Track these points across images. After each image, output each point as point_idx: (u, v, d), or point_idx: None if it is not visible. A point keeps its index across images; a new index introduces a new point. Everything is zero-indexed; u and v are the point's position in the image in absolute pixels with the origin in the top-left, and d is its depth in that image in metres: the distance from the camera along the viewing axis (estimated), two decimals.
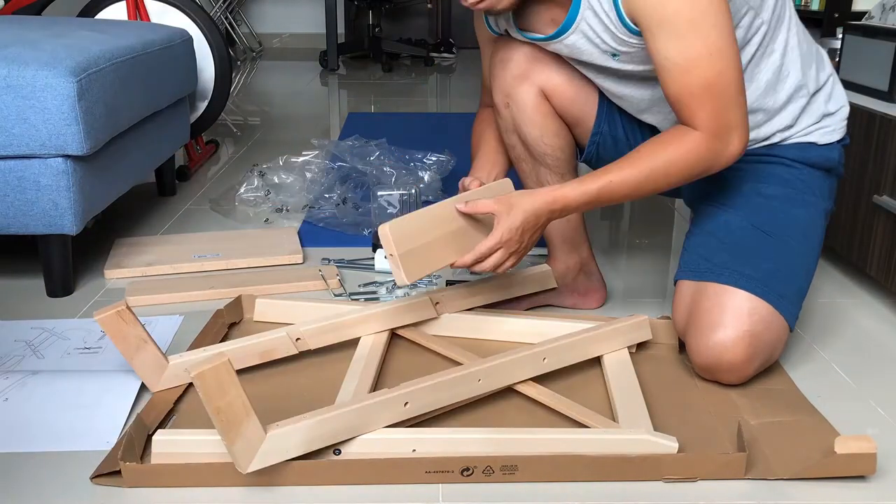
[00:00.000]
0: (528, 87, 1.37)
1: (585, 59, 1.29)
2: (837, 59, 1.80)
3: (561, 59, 1.36)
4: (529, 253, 1.64)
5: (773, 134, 1.31)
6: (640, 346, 1.34)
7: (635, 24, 1.15)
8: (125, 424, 1.12)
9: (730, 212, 1.30)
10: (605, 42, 1.22)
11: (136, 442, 1.02)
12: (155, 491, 0.98)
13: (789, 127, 1.31)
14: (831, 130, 1.33)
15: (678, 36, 1.12)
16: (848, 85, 1.74)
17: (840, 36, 1.85)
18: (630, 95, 1.32)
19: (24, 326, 1.41)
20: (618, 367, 1.23)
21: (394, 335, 1.35)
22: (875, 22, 1.87)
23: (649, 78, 1.25)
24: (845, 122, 1.35)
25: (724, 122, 1.15)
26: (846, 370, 1.31)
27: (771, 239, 1.26)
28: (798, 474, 1.01)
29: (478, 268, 1.22)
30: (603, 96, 1.40)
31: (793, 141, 1.32)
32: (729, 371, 1.20)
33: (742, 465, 1.00)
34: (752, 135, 1.30)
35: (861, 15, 2.01)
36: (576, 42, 1.25)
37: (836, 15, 2.14)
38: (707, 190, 1.36)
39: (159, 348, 1.19)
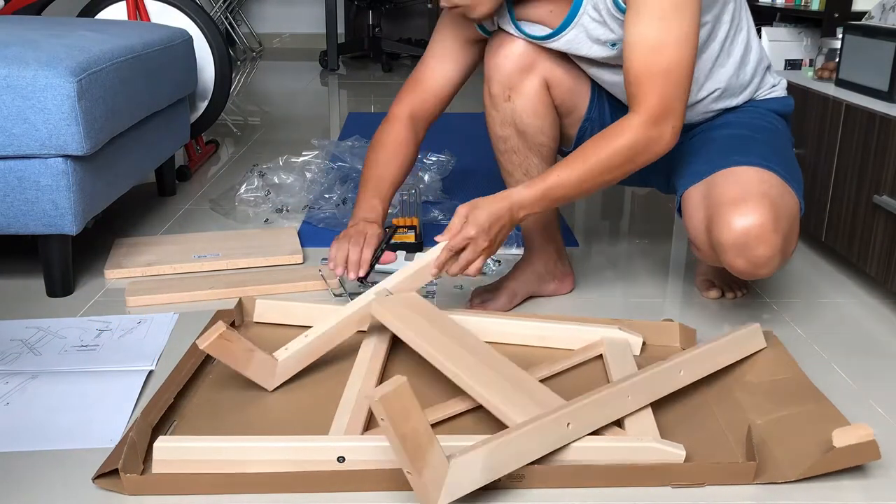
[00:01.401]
0: (533, 78, 1.39)
1: (584, 54, 1.32)
2: (837, 60, 1.80)
3: (559, 52, 1.39)
4: (515, 253, 1.66)
5: (741, 100, 1.44)
6: (644, 349, 1.33)
7: (625, 2, 1.21)
8: (128, 422, 1.12)
9: (707, 134, 1.41)
10: (605, 30, 1.27)
11: (139, 446, 1.02)
12: (158, 498, 0.98)
13: (753, 95, 1.45)
14: (783, 88, 1.49)
15: (659, 17, 1.17)
16: (848, 85, 1.74)
17: (840, 36, 1.85)
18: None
19: (19, 326, 1.41)
20: (622, 370, 1.22)
21: (395, 339, 1.35)
22: (875, 22, 1.87)
23: None
24: (784, 80, 1.50)
25: (668, 107, 1.20)
26: (846, 370, 1.31)
27: (758, 136, 1.37)
28: (805, 474, 1.00)
29: (452, 269, 1.27)
30: (594, 86, 1.45)
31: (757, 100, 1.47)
32: (759, 239, 1.22)
33: (751, 472, 1.00)
34: (725, 103, 1.42)
35: (861, 15, 2.01)
36: (576, 37, 1.30)
37: (836, 15, 2.13)
38: (681, 154, 1.42)
39: (262, 351, 1.19)
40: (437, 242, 1.28)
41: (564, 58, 1.40)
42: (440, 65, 1.49)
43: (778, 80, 1.49)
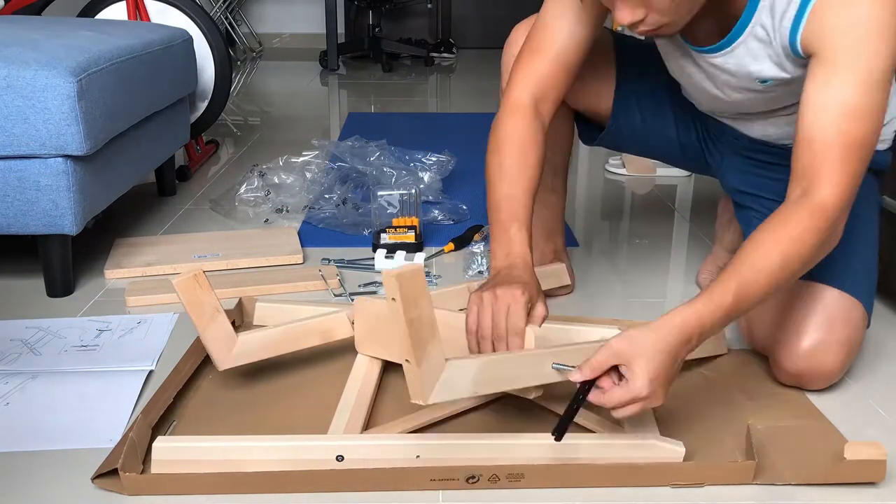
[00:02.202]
0: (547, 106, 1.24)
1: (726, 80, 1.18)
2: None
3: (578, 58, 1.23)
4: None
5: None
6: None
7: (808, 51, 1.03)
8: (128, 422, 1.12)
9: None
10: (762, 64, 1.11)
11: (139, 446, 1.02)
12: (158, 497, 0.98)
13: None
14: (886, 140, 1.30)
15: (858, 80, 0.99)
16: None
17: None
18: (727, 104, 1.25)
19: (19, 326, 1.42)
20: None
21: None
22: None
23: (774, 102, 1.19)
24: (893, 133, 1.31)
25: (852, 190, 1.01)
26: (846, 370, 1.31)
27: (859, 229, 1.21)
28: (807, 480, 1.00)
29: (618, 413, 0.96)
30: (623, 85, 1.40)
31: None
32: (821, 377, 1.18)
33: (751, 472, 1.00)
34: None
35: None
36: (724, 62, 1.15)
37: None
38: (759, 183, 1.33)
39: (227, 320, 1.15)
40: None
41: (585, 65, 1.26)
42: (563, 23, 1.20)
43: (888, 130, 1.28)
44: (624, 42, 1.46)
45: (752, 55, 1.12)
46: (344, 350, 1.30)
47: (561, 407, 1.13)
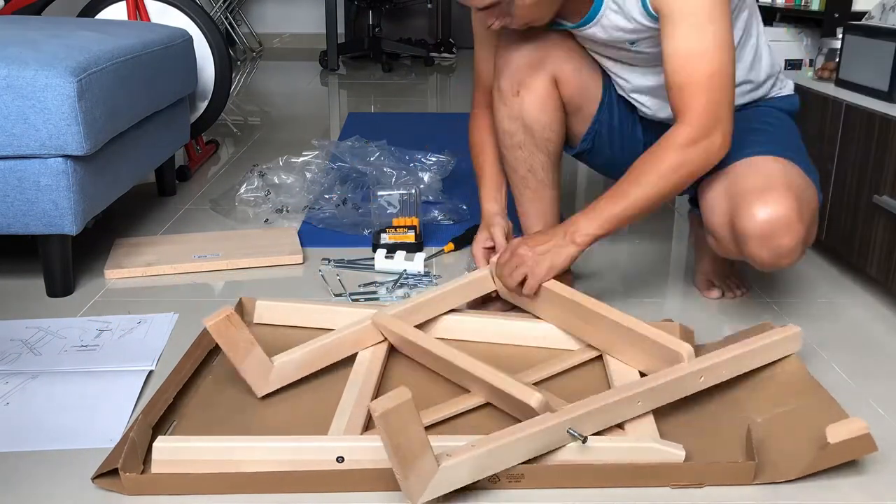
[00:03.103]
0: (542, 75, 1.42)
1: (603, 45, 1.37)
2: (838, 59, 1.80)
3: (570, 47, 1.42)
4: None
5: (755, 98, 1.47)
6: None
7: (656, 8, 1.22)
8: (128, 422, 1.12)
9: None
10: (626, 25, 1.28)
11: (139, 446, 1.02)
12: (158, 497, 0.98)
13: (766, 94, 1.48)
14: (789, 85, 1.52)
15: (696, 26, 1.19)
16: (848, 85, 1.74)
17: (840, 36, 1.85)
18: (649, 87, 1.42)
19: (19, 326, 1.42)
20: (622, 371, 1.22)
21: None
22: (875, 22, 1.87)
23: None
24: (792, 84, 1.53)
25: (714, 114, 1.22)
26: (846, 370, 1.31)
27: (770, 129, 1.39)
28: (803, 472, 1.00)
29: (508, 280, 1.33)
30: (605, 87, 1.47)
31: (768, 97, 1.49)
32: (784, 229, 1.23)
33: (751, 473, 1.00)
34: (738, 101, 1.39)
35: (861, 15, 2.01)
36: (595, 33, 1.33)
37: (837, 15, 2.13)
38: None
39: (261, 350, 1.17)
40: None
41: (577, 55, 1.43)
42: (488, 66, 1.51)
43: (786, 83, 1.51)
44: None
45: (615, 15, 1.28)
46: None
47: (560, 406, 1.13)
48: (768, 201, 1.23)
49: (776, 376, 1.21)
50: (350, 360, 1.26)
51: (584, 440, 0.99)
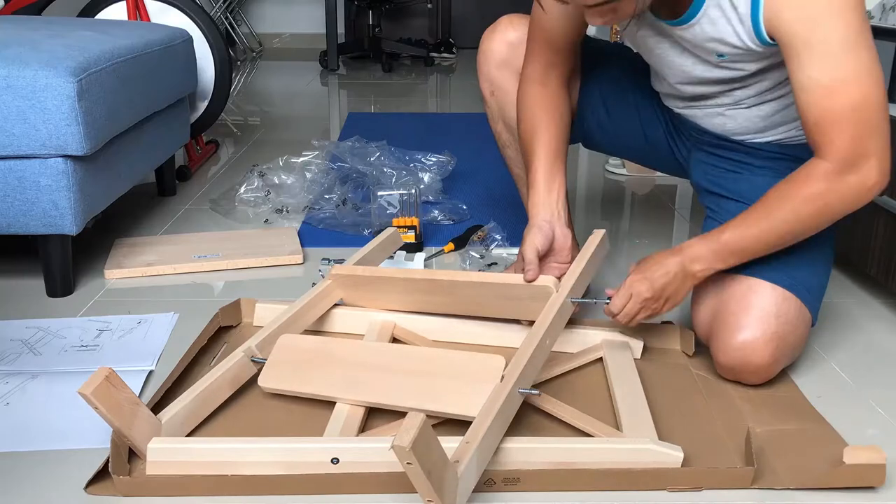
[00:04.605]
0: (509, 74, 1.40)
1: (687, 46, 1.22)
2: None
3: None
4: (513, 252, 1.61)
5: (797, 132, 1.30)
6: (645, 352, 1.33)
7: (773, 38, 1.10)
8: None
9: (747, 206, 1.25)
10: (723, 41, 1.15)
11: (122, 446, 1.01)
12: (154, 499, 0.98)
13: None
14: None
15: (830, 55, 1.05)
16: None
17: None
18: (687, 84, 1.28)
19: (19, 326, 1.42)
20: (622, 373, 1.22)
21: (392, 341, 1.34)
22: (875, 22, 1.87)
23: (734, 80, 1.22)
24: None
25: (860, 150, 1.07)
26: (846, 370, 1.31)
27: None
28: (805, 484, 1.00)
29: (621, 318, 1.21)
30: (594, 82, 1.42)
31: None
32: (754, 373, 1.20)
33: (749, 477, 0.99)
34: (783, 131, 1.29)
35: None
36: (685, 36, 1.19)
37: None
38: (720, 181, 1.35)
39: (147, 409, 1.04)
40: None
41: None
42: (549, 17, 1.32)
43: None
44: (588, 45, 1.45)
45: (712, 25, 1.15)
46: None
47: (559, 407, 1.13)
48: (744, 346, 1.18)
49: (778, 397, 1.21)
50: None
51: (539, 394, 1.08)
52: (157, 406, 1.12)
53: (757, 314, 1.19)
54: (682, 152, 1.47)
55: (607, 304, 1.21)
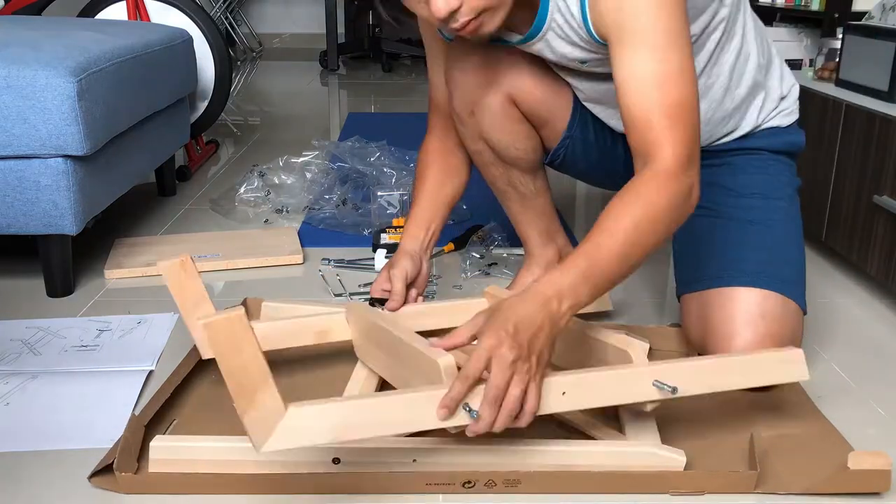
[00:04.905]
0: (494, 94, 1.29)
1: (555, 62, 1.23)
2: (837, 59, 1.81)
3: (529, 60, 1.27)
4: (521, 253, 1.58)
5: (741, 127, 1.31)
6: (650, 354, 1.30)
7: (602, 34, 1.06)
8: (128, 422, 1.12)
9: (709, 213, 1.29)
10: (574, 47, 1.15)
11: (133, 444, 1.02)
12: (155, 496, 0.98)
13: (756, 117, 1.31)
14: (789, 112, 1.34)
15: (653, 48, 1.00)
16: (848, 85, 1.74)
17: (840, 36, 1.85)
18: (604, 97, 1.27)
19: (19, 326, 1.41)
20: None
21: None
22: (875, 22, 1.87)
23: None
24: (797, 102, 1.36)
25: (690, 151, 1.01)
26: (846, 370, 1.31)
27: (755, 227, 1.26)
28: (809, 489, 0.99)
29: (499, 422, 0.90)
30: (576, 99, 1.34)
31: (760, 129, 1.33)
32: None
33: (752, 481, 0.99)
34: (726, 128, 1.30)
35: (861, 15, 2.01)
36: (542, 49, 1.19)
37: (837, 15, 2.14)
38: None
39: (213, 307, 1.12)
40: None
41: (534, 69, 1.29)
42: (437, 79, 1.38)
43: (790, 102, 1.34)
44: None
45: (560, 40, 1.14)
46: (343, 354, 1.29)
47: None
48: (739, 351, 1.17)
49: (784, 401, 1.20)
50: (350, 360, 1.26)
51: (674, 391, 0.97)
52: (158, 412, 1.12)
53: (742, 319, 1.19)
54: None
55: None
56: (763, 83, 1.30)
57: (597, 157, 1.40)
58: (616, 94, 1.04)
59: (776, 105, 1.33)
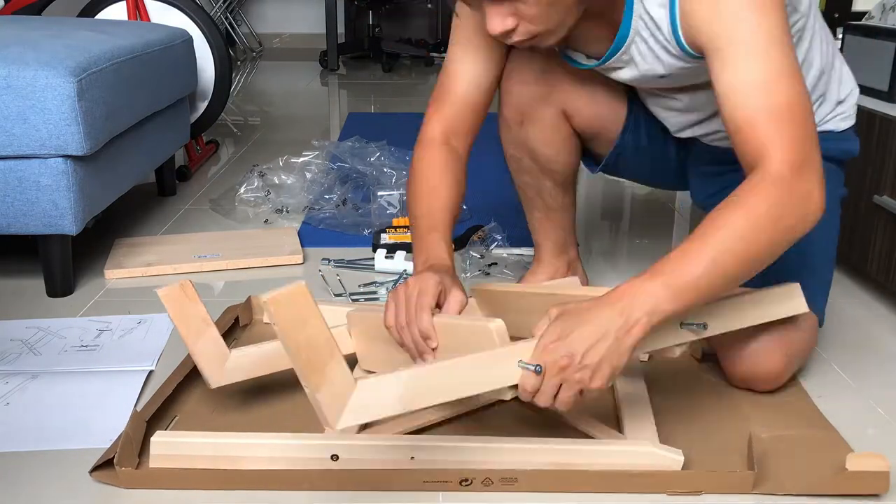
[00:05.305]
0: (548, 109, 1.29)
1: (629, 79, 1.19)
2: None
3: (584, 75, 1.25)
4: (521, 253, 1.58)
5: None
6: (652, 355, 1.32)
7: (696, 46, 1.03)
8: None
9: None
10: (659, 63, 1.11)
11: (135, 440, 1.02)
12: (155, 491, 0.98)
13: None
14: (845, 117, 1.28)
15: (756, 53, 0.96)
16: None
17: (840, 36, 1.85)
18: (672, 108, 1.26)
19: (19, 326, 1.41)
20: (626, 375, 1.21)
21: None
22: (875, 22, 1.87)
23: (697, 89, 1.18)
24: (855, 107, 1.29)
25: (804, 153, 0.94)
26: (846, 370, 1.31)
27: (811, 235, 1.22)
28: (807, 490, 0.99)
29: (540, 399, 0.92)
30: (630, 106, 1.33)
31: None
32: (765, 381, 1.19)
33: (750, 482, 0.99)
34: None
35: (861, 15, 2.01)
36: (621, 68, 1.15)
37: (836, 15, 2.14)
38: (717, 191, 1.32)
39: (218, 333, 1.10)
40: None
41: (589, 83, 1.28)
42: (464, 68, 1.24)
43: (847, 106, 1.27)
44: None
45: (644, 56, 1.11)
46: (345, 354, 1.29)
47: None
48: (754, 355, 1.16)
49: (787, 402, 1.20)
50: (349, 360, 1.26)
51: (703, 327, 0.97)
52: (159, 409, 1.12)
53: (768, 329, 1.17)
54: (689, 171, 1.43)
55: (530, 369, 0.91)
56: (822, 90, 1.25)
57: (649, 161, 1.40)
58: (718, 104, 1.00)
59: (832, 108, 1.27)
